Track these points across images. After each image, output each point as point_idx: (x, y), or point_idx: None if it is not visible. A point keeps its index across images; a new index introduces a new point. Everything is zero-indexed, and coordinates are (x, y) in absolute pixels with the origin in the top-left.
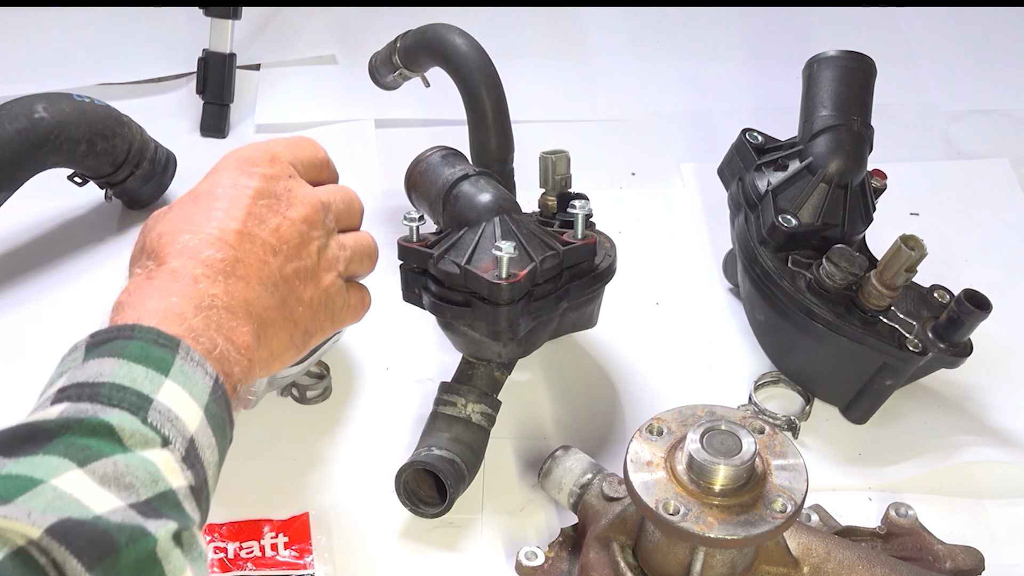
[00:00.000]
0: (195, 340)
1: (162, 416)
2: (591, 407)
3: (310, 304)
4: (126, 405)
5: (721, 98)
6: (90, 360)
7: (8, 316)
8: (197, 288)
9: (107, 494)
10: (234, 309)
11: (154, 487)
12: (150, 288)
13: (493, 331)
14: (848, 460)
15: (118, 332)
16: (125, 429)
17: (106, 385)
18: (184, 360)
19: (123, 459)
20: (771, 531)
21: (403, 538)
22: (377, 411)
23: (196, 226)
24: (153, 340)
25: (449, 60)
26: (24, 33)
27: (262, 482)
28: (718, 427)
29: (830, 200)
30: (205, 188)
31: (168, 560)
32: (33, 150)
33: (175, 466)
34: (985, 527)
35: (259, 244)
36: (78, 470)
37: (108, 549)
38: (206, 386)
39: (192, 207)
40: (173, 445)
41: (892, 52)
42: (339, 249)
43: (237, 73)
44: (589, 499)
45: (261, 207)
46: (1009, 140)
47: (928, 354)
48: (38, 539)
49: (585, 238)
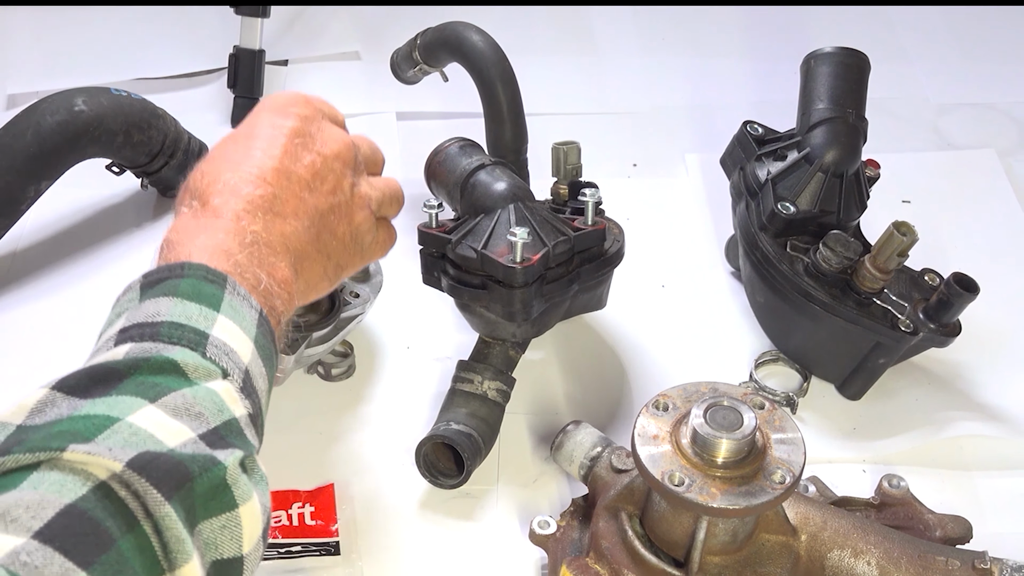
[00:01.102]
0: (241, 275)
1: (219, 350)
2: (600, 384)
3: (342, 239)
4: (186, 342)
5: (723, 92)
6: (146, 300)
7: (51, 298)
8: (239, 225)
9: (180, 425)
10: (273, 244)
11: (220, 416)
12: (196, 226)
13: (508, 312)
14: (843, 434)
15: (169, 271)
16: (189, 364)
17: (165, 324)
18: (232, 295)
19: (190, 392)
20: (771, 501)
21: (422, 508)
22: (398, 388)
23: (236, 165)
24: (203, 276)
25: (467, 56)
26: (65, 31)
27: (289, 455)
28: (721, 403)
29: (826, 188)
30: (245, 129)
31: (237, 485)
32: (73, 141)
33: (235, 395)
34: (973, 498)
35: (295, 180)
36: (151, 405)
37: (183, 478)
38: (253, 319)
39: (232, 147)
40: (232, 376)
41: (885, 48)
42: (370, 189)
43: (266, 68)
44: (599, 471)
45: (297, 145)
46: (996, 132)
47: (919, 334)
48: (120, 472)
49: (595, 224)
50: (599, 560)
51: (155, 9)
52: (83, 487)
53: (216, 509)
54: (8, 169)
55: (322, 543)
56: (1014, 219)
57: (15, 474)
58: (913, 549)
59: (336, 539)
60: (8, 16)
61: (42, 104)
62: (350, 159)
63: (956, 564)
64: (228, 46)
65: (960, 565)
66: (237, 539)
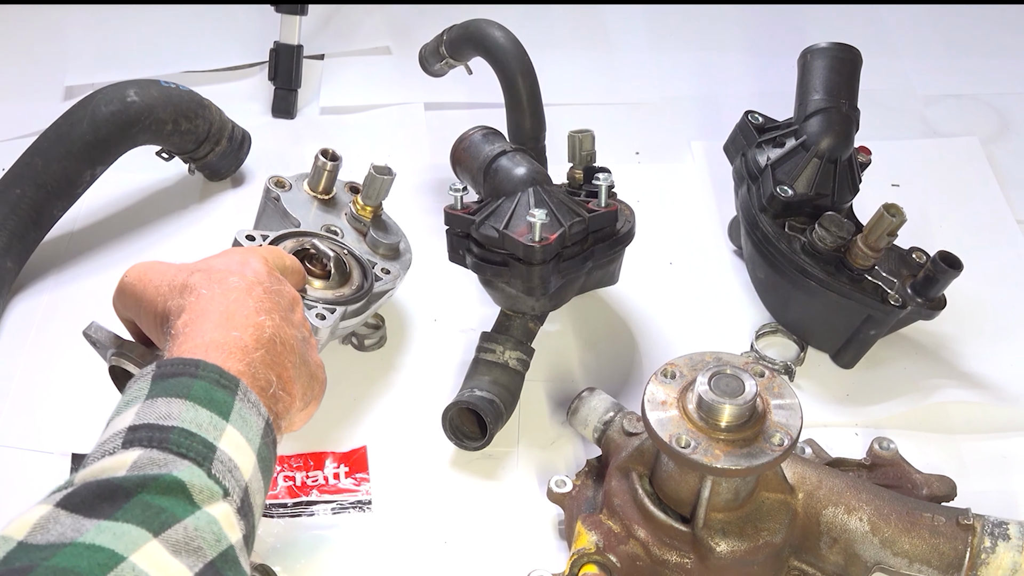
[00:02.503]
0: (252, 378)
1: (224, 467)
2: (613, 353)
3: (314, 351)
4: (194, 454)
5: (726, 84)
6: (157, 398)
7: (104, 273)
8: (259, 319)
9: (179, 565)
10: (287, 342)
11: (218, 546)
12: (211, 310)
13: (527, 287)
14: (837, 400)
15: (183, 368)
16: (195, 485)
17: (175, 430)
18: (243, 402)
19: (192, 522)
20: (770, 462)
21: (448, 468)
22: (426, 357)
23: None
24: (216, 381)
25: (489, 51)
26: (118, 27)
27: (325, 419)
28: (724, 371)
29: (822, 173)
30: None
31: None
32: (125, 129)
33: (233, 520)
34: (957, 459)
35: (286, 293)
36: (154, 541)
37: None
38: (259, 428)
39: (228, 257)
40: (232, 497)
41: (876, 44)
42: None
43: (304, 62)
44: (611, 434)
45: (274, 282)
46: (979, 121)
47: (907, 307)
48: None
49: (608, 206)
50: (611, 516)
51: (202, 8)
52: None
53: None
54: (66, 155)
55: (356, 500)
56: (995, 201)
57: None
58: (902, 506)
59: (369, 497)
60: (66, 14)
61: (97, 95)
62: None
63: (942, 520)
64: (269, 42)
65: (945, 521)
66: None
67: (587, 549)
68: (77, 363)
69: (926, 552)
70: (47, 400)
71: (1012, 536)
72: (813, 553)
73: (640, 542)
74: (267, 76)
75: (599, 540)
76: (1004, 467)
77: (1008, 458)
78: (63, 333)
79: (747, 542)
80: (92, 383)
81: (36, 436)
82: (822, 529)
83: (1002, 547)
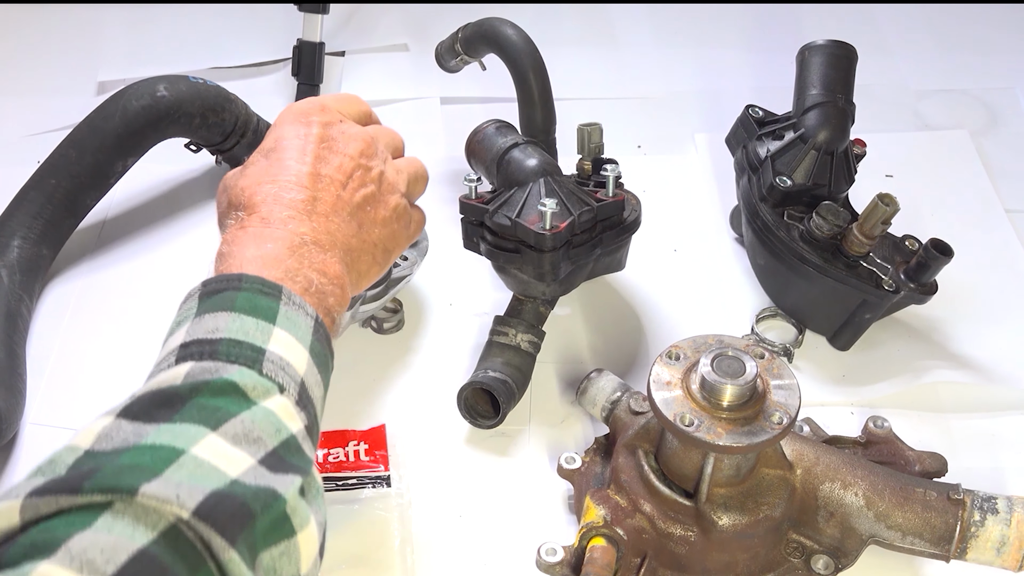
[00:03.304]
0: (293, 280)
1: (275, 365)
2: (620, 336)
3: (384, 223)
4: (243, 360)
5: (728, 79)
6: (205, 313)
7: (135, 260)
8: (287, 229)
9: (240, 453)
10: (322, 243)
11: (278, 436)
12: (245, 237)
13: (539, 273)
14: (834, 380)
15: (227, 283)
16: (247, 384)
17: (223, 341)
18: (287, 305)
19: (249, 416)
20: (770, 440)
21: (463, 445)
22: (442, 340)
23: (273, 176)
24: (258, 289)
25: (502, 48)
26: (149, 25)
27: (346, 399)
28: (726, 353)
29: (819, 164)
30: (272, 143)
31: (296, 514)
32: (155, 123)
33: (292, 411)
34: (947, 436)
35: (329, 182)
36: (213, 434)
37: (246, 519)
38: (308, 327)
39: (265, 162)
40: (288, 391)
41: (871, 41)
42: (396, 173)
43: (325, 59)
44: (618, 413)
45: (323, 149)
46: (969, 114)
47: (900, 292)
48: (187, 519)
49: (615, 196)
50: (619, 491)
51: (228, 7)
52: (153, 531)
53: (276, 539)
54: (99, 147)
55: (375, 476)
56: (984, 191)
57: (89, 511)
58: (895, 482)
59: (387, 473)
60: (100, 12)
61: (129, 90)
62: (372, 153)
63: (933, 495)
64: (292, 39)
65: (936, 496)
66: (295, 562)
67: (595, 523)
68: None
69: (918, 525)
70: (81, 379)
71: (1000, 510)
72: (811, 526)
73: (646, 516)
74: (290, 72)
75: (607, 514)
76: (992, 444)
77: (996, 436)
78: (96, 316)
79: (748, 516)
80: (123, 363)
81: (70, 414)
82: (819, 503)
83: (991, 521)
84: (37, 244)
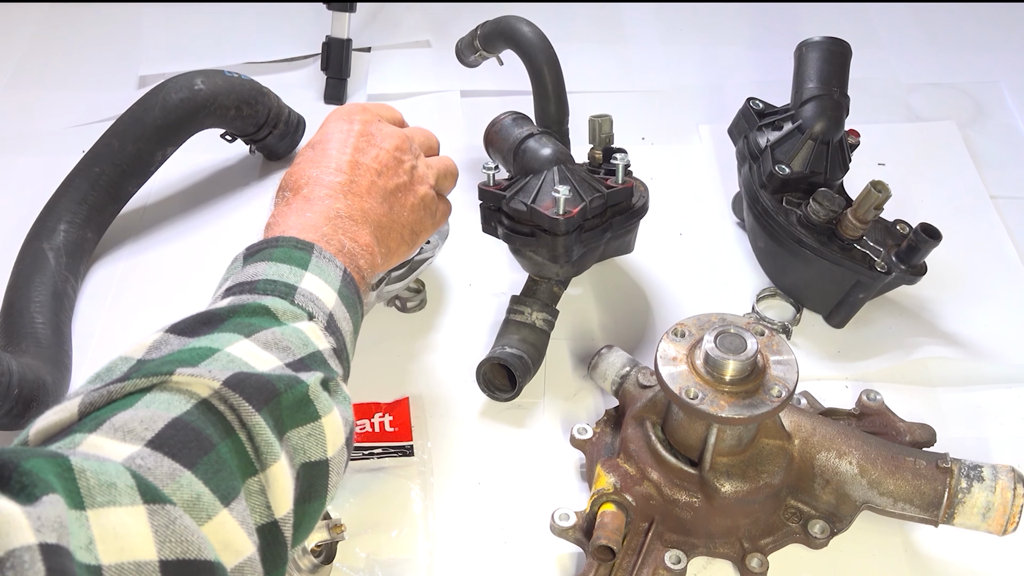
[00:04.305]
0: (326, 243)
1: (305, 298)
2: (629, 315)
3: (412, 209)
4: (277, 292)
5: (730, 73)
6: (247, 266)
7: (174, 243)
8: (325, 204)
9: (269, 355)
10: (355, 217)
11: (305, 348)
12: (288, 210)
13: (552, 256)
14: (829, 356)
15: (266, 243)
16: (279, 309)
17: (260, 281)
18: (318, 258)
19: (279, 330)
20: (769, 412)
21: (481, 417)
22: (462, 318)
23: (317, 163)
24: (294, 246)
25: (519, 44)
26: (187, 23)
27: (372, 374)
28: (728, 330)
29: (815, 153)
30: (319, 137)
31: (318, 400)
32: (193, 114)
33: (320, 333)
34: (936, 409)
35: (365, 169)
36: (246, 340)
37: (271, 394)
38: (337, 275)
39: (312, 152)
40: (316, 319)
41: (864, 37)
42: (426, 168)
43: (352, 54)
44: (627, 387)
45: (363, 142)
46: (956, 107)
47: (892, 273)
48: (218, 389)
49: (624, 183)
50: (628, 460)
51: (261, 5)
52: (188, 403)
53: (301, 420)
54: (140, 137)
55: (399, 446)
56: (970, 179)
57: (133, 396)
58: (887, 451)
59: (410, 443)
60: (140, 11)
61: (168, 84)
62: (406, 148)
63: (922, 463)
64: (321, 36)
65: (926, 464)
66: (322, 445)
67: (606, 489)
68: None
69: (909, 492)
70: None
71: (985, 478)
72: (808, 493)
73: (653, 483)
74: (320, 67)
75: (616, 481)
76: (978, 416)
77: (982, 408)
78: (137, 295)
79: (749, 483)
80: None
81: None
82: (816, 472)
83: (976, 488)
84: (82, 228)
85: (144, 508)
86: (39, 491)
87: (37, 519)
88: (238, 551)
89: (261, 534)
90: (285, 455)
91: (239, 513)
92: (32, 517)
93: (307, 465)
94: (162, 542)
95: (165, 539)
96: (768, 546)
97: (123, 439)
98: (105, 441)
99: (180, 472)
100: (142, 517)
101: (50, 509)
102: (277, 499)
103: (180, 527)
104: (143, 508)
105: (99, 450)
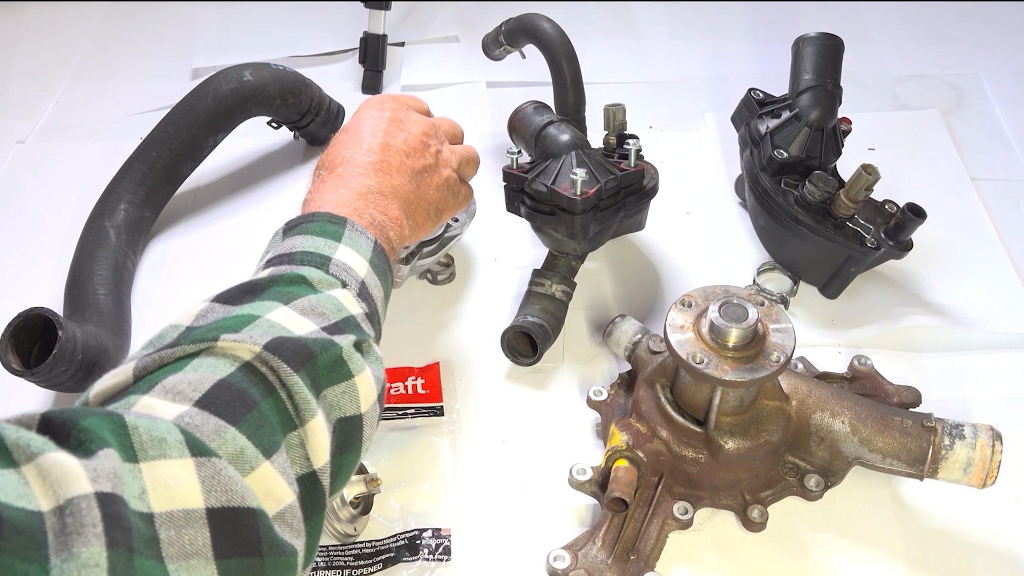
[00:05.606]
0: (358, 216)
1: (339, 268)
2: (640, 287)
3: (437, 188)
4: (313, 263)
5: (733, 66)
6: (286, 239)
7: (225, 221)
8: (357, 181)
9: (306, 320)
10: (385, 193)
11: (339, 314)
12: (324, 187)
13: (571, 232)
14: (824, 325)
15: (303, 218)
16: (315, 278)
17: (298, 252)
18: (351, 231)
19: (315, 297)
20: (769, 375)
21: (505, 380)
22: (488, 290)
23: (351, 145)
24: (328, 220)
25: (540, 39)
26: (237, 19)
27: (405, 341)
28: (731, 301)
29: (811, 139)
30: (353, 122)
31: (351, 360)
32: (242, 103)
33: (353, 299)
34: (921, 373)
35: (395, 151)
36: (284, 307)
37: (308, 356)
38: (368, 246)
39: (346, 135)
40: (350, 286)
41: (856, 33)
42: (450, 154)
43: (388, 48)
44: (639, 352)
45: (393, 127)
46: (940, 96)
47: (881, 249)
48: (259, 352)
49: (636, 166)
50: (639, 420)
51: (304, 4)
52: (232, 366)
53: (336, 379)
54: (193, 124)
55: (430, 407)
56: (952, 163)
57: (182, 360)
58: (876, 411)
59: (441, 404)
60: (194, 9)
61: (219, 75)
62: (432, 134)
63: (909, 423)
64: (359, 31)
65: (912, 424)
66: (355, 401)
67: (619, 446)
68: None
69: (896, 449)
70: None
71: (967, 436)
72: (804, 450)
73: (663, 441)
74: (358, 60)
75: (629, 439)
76: (960, 380)
77: (963, 372)
78: (190, 269)
79: (750, 440)
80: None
81: None
82: (811, 430)
83: (958, 445)
84: (140, 207)
85: (192, 461)
86: (95, 446)
87: (94, 470)
88: (279, 499)
89: (301, 483)
90: (322, 411)
91: (280, 464)
92: (89, 469)
93: (343, 420)
94: (208, 491)
95: (211, 488)
96: (768, 498)
97: (173, 400)
98: (157, 402)
99: (225, 428)
100: (190, 469)
101: (105, 462)
102: (315, 451)
103: (225, 477)
104: (191, 461)
105: (151, 410)
